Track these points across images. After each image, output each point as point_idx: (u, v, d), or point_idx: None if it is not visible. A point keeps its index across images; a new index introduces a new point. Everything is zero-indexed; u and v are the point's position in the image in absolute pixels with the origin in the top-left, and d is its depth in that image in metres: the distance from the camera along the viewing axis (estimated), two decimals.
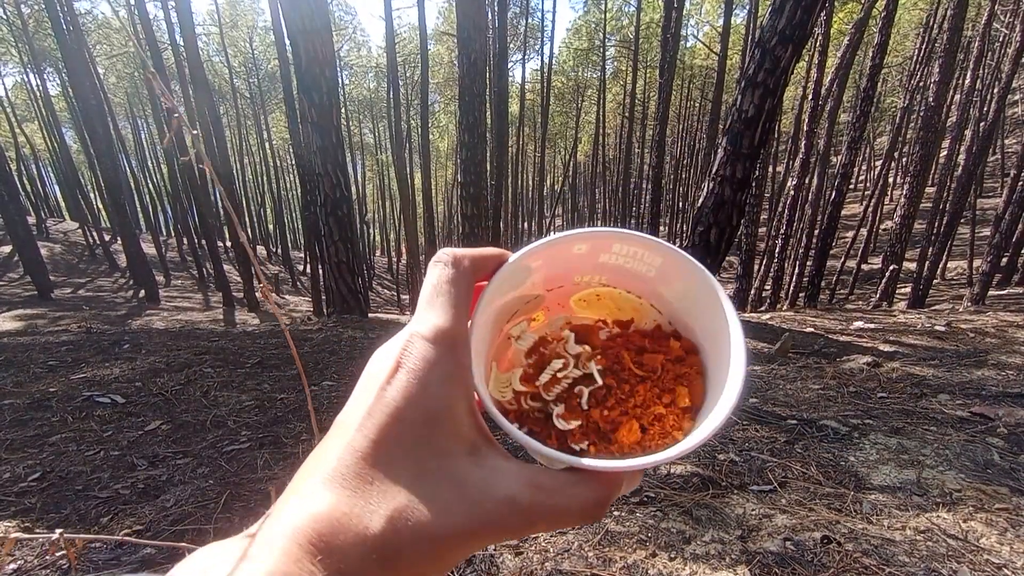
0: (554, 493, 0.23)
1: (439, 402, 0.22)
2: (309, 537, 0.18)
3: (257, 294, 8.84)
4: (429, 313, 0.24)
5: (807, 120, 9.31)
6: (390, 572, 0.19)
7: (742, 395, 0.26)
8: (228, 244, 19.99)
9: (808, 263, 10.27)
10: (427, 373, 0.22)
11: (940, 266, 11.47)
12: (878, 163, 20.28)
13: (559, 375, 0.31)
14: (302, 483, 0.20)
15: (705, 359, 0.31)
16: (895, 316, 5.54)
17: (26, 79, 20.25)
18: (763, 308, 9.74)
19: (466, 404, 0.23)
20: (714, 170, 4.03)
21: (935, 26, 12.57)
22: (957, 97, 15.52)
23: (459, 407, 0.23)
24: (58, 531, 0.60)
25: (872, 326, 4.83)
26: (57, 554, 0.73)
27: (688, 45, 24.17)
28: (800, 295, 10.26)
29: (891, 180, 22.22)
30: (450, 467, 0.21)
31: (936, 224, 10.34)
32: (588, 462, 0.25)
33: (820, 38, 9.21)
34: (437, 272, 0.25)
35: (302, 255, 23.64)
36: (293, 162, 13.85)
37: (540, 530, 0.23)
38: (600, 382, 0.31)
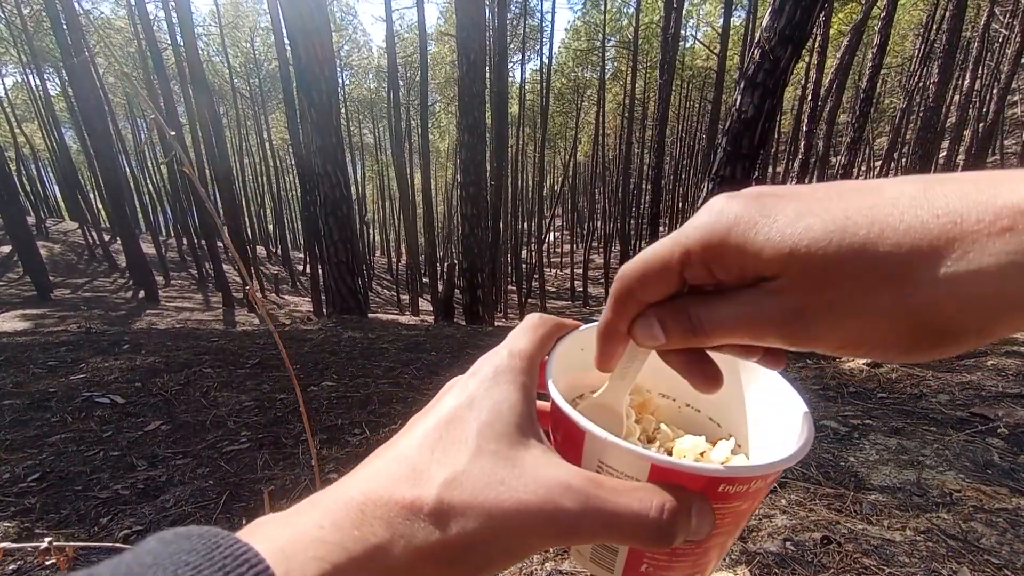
0: (612, 489, 0.21)
1: (503, 399, 0.24)
2: (356, 498, 0.20)
3: (257, 294, 8.83)
4: (516, 338, 0.29)
5: (807, 121, 9.33)
6: (445, 538, 0.20)
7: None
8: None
9: None
10: (497, 376, 0.25)
11: None
12: (878, 164, 20.27)
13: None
14: (363, 465, 0.23)
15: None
16: None
17: (26, 79, 20.23)
18: None
19: (528, 409, 0.25)
20: (714, 170, 4.04)
21: (934, 27, 12.58)
22: (956, 98, 15.53)
23: (521, 408, 0.25)
24: (47, 539, 0.59)
25: None
26: (47, 562, 0.72)
27: (688, 46, 24.16)
28: None
29: None
30: (507, 451, 0.22)
31: None
32: (663, 457, 0.22)
33: (819, 39, 9.22)
34: (530, 316, 0.31)
35: (302, 255, 23.63)
36: (293, 162, 13.84)
37: (589, 530, 0.21)
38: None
